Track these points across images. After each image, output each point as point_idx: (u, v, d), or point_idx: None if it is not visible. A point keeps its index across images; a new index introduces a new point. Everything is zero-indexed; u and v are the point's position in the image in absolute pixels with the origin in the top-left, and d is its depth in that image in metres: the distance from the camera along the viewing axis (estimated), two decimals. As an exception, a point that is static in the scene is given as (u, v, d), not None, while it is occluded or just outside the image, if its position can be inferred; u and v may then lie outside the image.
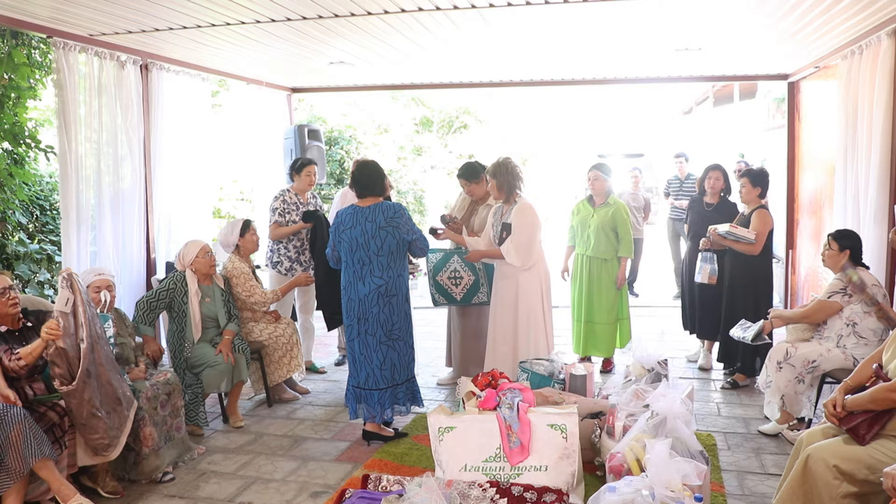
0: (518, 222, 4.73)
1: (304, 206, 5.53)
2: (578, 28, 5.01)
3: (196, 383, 4.55)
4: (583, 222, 5.76)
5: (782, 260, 7.23)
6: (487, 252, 4.94)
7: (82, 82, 5.13)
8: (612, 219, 5.60)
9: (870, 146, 4.85)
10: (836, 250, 4.25)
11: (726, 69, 7.08)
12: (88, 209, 5.19)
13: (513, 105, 17.42)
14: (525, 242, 4.71)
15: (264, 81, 7.41)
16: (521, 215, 4.74)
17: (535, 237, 4.78)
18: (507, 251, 4.74)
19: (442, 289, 5.25)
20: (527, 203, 4.81)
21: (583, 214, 5.78)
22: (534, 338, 4.79)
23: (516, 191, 4.82)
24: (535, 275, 4.84)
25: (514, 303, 4.83)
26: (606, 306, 5.67)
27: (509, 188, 4.79)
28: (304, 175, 5.56)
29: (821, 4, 4.34)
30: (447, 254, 5.25)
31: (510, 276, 4.84)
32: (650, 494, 2.69)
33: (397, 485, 3.34)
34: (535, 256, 4.83)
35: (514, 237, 4.72)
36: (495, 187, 4.84)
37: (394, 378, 4.24)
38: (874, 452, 2.73)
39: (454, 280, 5.19)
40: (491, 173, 4.85)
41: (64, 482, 3.31)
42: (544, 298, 4.89)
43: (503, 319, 4.87)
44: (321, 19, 4.67)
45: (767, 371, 4.35)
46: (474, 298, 5.25)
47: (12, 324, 3.56)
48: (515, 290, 4.82)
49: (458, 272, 5.22)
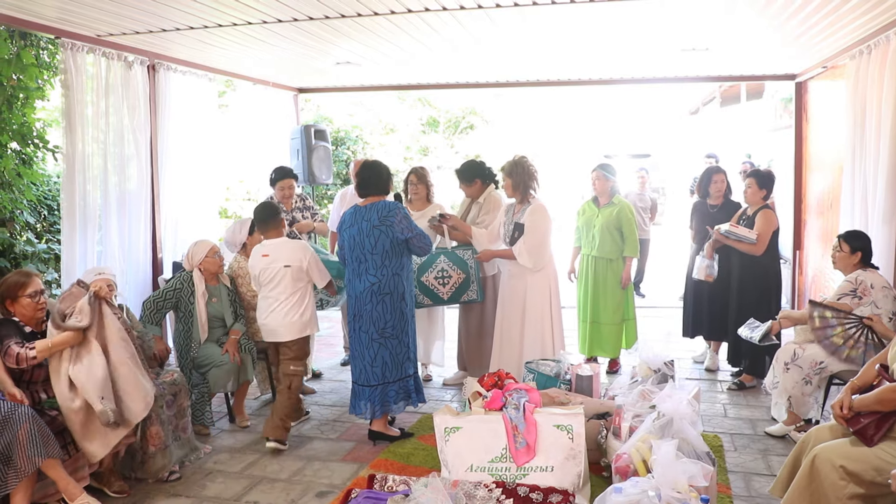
0: (531, 223, 4.72)
1: (287, 215, 5.50)
2: (585, 28, 5.00)
3: (202, 383, 4.56)
4: (588, 222, 5.75)
5: (789, 261, 7.20)
6: (499, 252, 4.93)
7: (90, 83, 5.15)
8: (616, 218, 5.59)
9: (878, 146, 4.82)
10: (848, 252, 4.23)
11: (733, 69, 7.06)
12: (95, 209, 5.21)
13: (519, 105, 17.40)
14: (538, 244, 4.71)
15: (271, 82, 7.42)
16: (534, 216, 4.73)
17: (547, 239, 4.78)
18: (518, 252, 4.73)
19: (427, 289, 5.18)
20: (540, 204, 4.80)
21: (588, 215, 5.78)
22: (540, 339, 4.79)
23: (530, 190, 4.82)
24: (544, 276, 4.83)
25: (521, 304, 4.82)
26: (612, 306, 5.66)
27: (524, 187, 4.80)
28: (278, 189, 5.51)
29: (828, 5, 4.32)
30: (432, 254, 5.22)
31: (519, 277, 4.83)
32: (656, 495, 2.69)
33: (403, 485, 3.34)
34: (546, 258, 4.82)
35: (526, 238, 4.71)
36: (510, 186, 4.85)
37: (385, 376, 4.24)
38: (881, 454, 2.72)
39: (441, 280, 5.16)
40: (506, 172, 4.85)
41: (71, 481, 3.32)
42: (552, 300, 4.87)
43: (510, 320, 4.86)
44: (328, 20, 4.68)
45: (774, 372, 4.33)
46: (463, 296, 5.18)
47: (36, 326, 3.59)
48: (524, 292, 4.81)
49: (445, 271, 5.19)
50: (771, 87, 13.96)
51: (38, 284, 3.58)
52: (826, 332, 4.12)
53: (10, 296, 3.53)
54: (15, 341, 3.39)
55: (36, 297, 3.54)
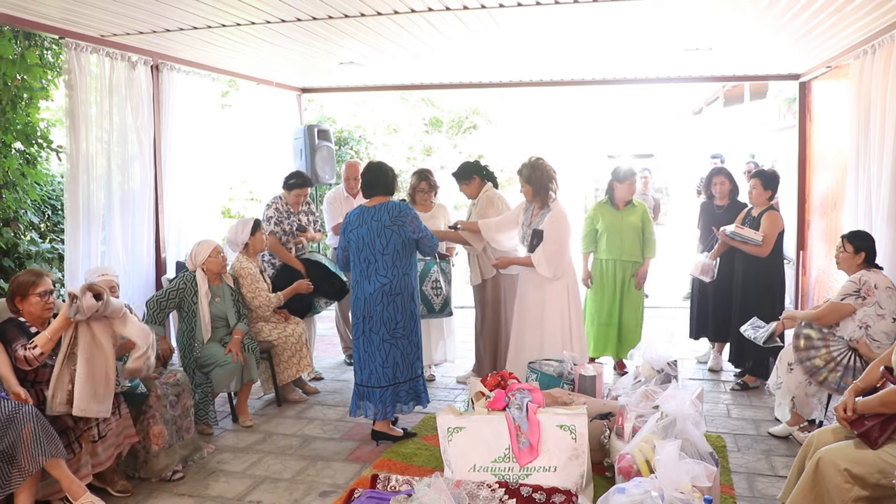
0: (550, 231, 4.59)
1: (294, 217, 5.52)
2: (588, 28, 5.00)
3: (206, 382, 4.57)
4: (611, 227, 5.59)
5: (793, 261, 7.19)
6: (516, 259, 4.84)
7: (93, 83, 5.16)
8: (640, 220, 5.55)
9: (882, 146, 4.81)
10: (852, 252, 4.21)
11: (737, 69, 7.05)
12: (99, 209, 5.22)
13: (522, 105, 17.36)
14: (557, 252, 4.60)
15: (274, 82, 7.43)
16: (553, 223, 4.60)
17: (566, 246, 4.67)
18: (538, 261, 4.62)
19: (425, 298, 5.22)
20: (561, 210, 4.67)
21: (609, 219, 5.62)
22: (559, 349, 4.67)
23: (550, 193, 4.69)
24: (563, 284, 4.71)
25: (540, 313, 4.72)
26: (634, 308, 5.65)
27: (545, 191, 4.67)
28: (294, 196, 5.52)
29: (832, 4, 4.31)
30: (428, 264, 5.23)
31: (537, 285, 4.72)
32: (659, 496, 2.68)
33: (406, 485, 3.34)
34: (565, 266, 4.71)
35: (546, 246, 4.58)
36: (531, 192, 4.71)
37: (395, 376, 4.24)
38: (886, 456, 2.71)
39: (436, 290, 5.20)
40: (525, 178, 4.71)
41: (75, 480, 3.33)
42: (571, 306, 4.75)
43: (529, 329, 4.77)
44: (331, 20, 4.68)
45: (778, 372, 4.32)
46: (447, 310, 5.30)
47: (42, 326, 3.59)
48: (542, 300, 4.71)
49: (439, 282, 5.23)
50: (774, 86, 13.94)
51: (49, 284, 3.59)
52: (809, 354, 4.12)
53: (20, 293, 3.54)
54: (21, 344, 3.38)
55: (45, 297, 3.55)
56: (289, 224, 5.47)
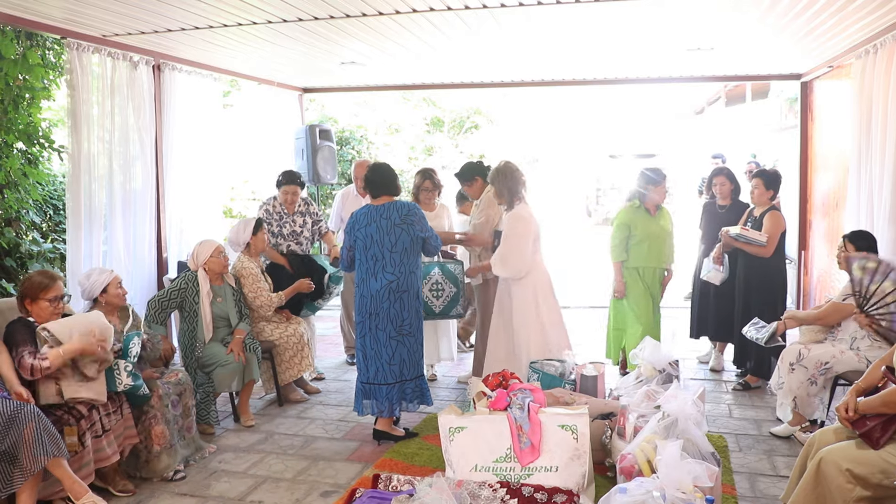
0: (506, 231, 4.63)
1: (287, 219, 5.52)
2: (590, 28, 5.00)
3: (207, 382, 4.57)
4: (651, 234, 5.36)
5: (795, 261, 7.18)
6: (480, 266, 4.93)
7: (95, 83, 5.17)
8: (670, 224, 5.50)
9: (884, 146, 4.81)
10: (853, 252, 4.21)
11: (738, 69, 7.05)
12: (100, 209, 5.23)
13: (524, 105, 17.38)
14: (509, 253, 4.61)
15: (276, 82, 7.44)
16: (509, 223, 4.64)
17: (522, 247, 4.64)
18: (493, 262, 4.68)
19: (423, 300, 5.22)
20: (517, 212, 4.67)
21: (646, 226, 5.37)
22: (525, 349, 4.70)
23: (516, 196, 4.69)
24: (528, 285, 4.71)
25: (509, 314, 4.78)
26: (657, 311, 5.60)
27: (510, 193, 4.68)
28: (282, 193, 5.51)
29: (834, 4, 4.31)
30: (428, 266, 5.23)
31: (504, 286, 4.79)
32: (661, 496, 2.68)
33: (407, 484, 3.34)
34: (527, 266, 4.68)
35: (501, 247, 4.64)
36: (496, 194, 4.77)
37: (402, 374, 4.25)
38: (888, 457, 2.71)
39: (436, 292, 5.19)
40: (490, 180, 4.79)
41: (77, 480, 3.32)
42: (541, 306, 4.73)
43: (497, 329, 4.84)
44: (332, 20, 4.68)
45: (780, 372, 4.32)
46: (452, 311, 5.26)
47: None
48: (510, 301, 4.76)
49: (439, 284, 5.22)
50: (776, 86, 13.92)
51: (60, 289, 3.58)
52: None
53: (30, 295, 3.54)
54: (28, 350, 3.37)
55: (55, 303, 3.55)
56: (279, 226, 5.48)
